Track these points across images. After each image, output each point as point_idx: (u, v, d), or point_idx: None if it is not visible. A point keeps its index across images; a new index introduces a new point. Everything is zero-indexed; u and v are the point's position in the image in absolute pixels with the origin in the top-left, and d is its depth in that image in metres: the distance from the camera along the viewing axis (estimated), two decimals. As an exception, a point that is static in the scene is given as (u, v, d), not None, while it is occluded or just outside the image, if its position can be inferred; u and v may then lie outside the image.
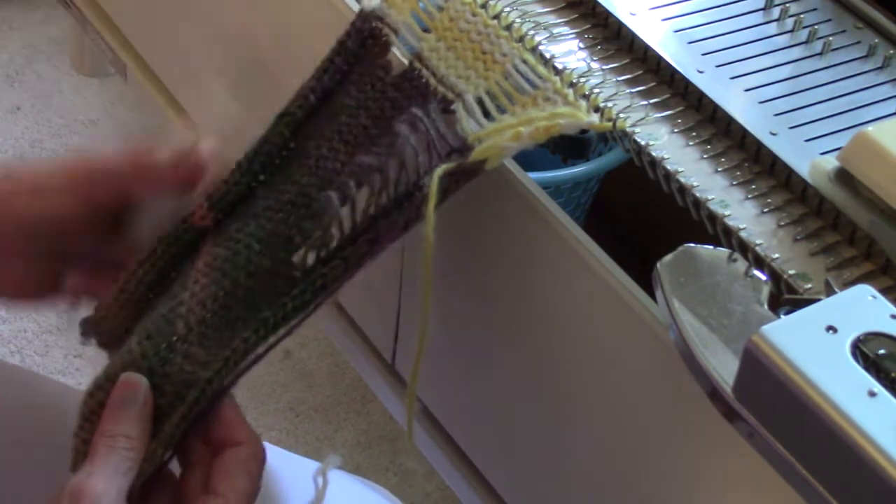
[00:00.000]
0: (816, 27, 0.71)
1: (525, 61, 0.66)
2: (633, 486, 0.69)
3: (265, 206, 0.65)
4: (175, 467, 0.62)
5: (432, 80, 0.67)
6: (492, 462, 0.82)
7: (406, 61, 0.68)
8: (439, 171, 0.61)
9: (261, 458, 0.60)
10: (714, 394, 0.53)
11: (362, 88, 0.68)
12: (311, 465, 0.76)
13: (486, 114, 0.65)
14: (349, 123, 0.67)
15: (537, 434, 0.76)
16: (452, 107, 0.66)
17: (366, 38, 0.69)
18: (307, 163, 0.66)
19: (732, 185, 0.63)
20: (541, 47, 0.69)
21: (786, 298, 0.57)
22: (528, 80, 0.66)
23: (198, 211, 0.66)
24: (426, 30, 0.69)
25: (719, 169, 0.64)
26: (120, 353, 0.62)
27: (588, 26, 0.72)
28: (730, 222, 0.61)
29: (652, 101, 0.67)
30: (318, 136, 0.67)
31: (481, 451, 0.83)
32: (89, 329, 0.68)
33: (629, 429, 0.67)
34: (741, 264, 0.57)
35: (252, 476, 0.59)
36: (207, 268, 0.63)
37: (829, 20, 0.73)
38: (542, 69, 0.66)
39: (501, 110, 0.65)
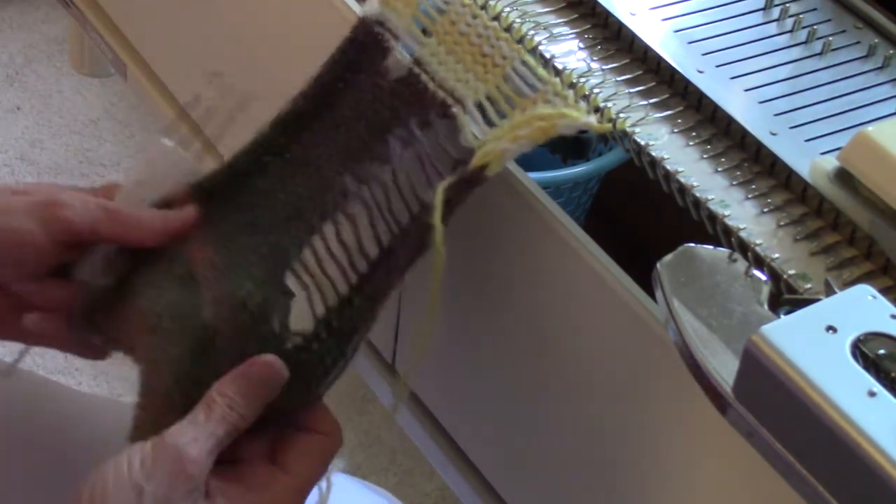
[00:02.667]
0: (816, 27, 0.71)
1: (525, 63, 0.66)
2: (631, 484, 0.69)
3: (250, 224, 0.65)
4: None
5: (431, 85, 0.66)
6: (491, 461, 0.82)
7: (406, 67, 0.68)
8: (443, 184, 0.61)
9: (336, 451, 0.62)
10: (714, 393, 0.53)
11: (361, 97, 0.68)
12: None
13: (488, 120, 0.65)
14: (348, 136, 0.67)
15: (536, 432, 0.76)
16: (453, 110, 0.65)
17: (366, 45, 0.68)
18: (304, 171, 0.67)
19: (732, 185, 0.63)
20: (541, 48, 0.69)
21: (786, 298, 0.57)
22: (528, 83, 0.66)
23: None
24: (427, 33, 0.69)
25: (719, 169, 0.64)
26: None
27: (588, 26, 0.72)
28: (730, 222, 0.61)
29: (652, 101, 0.67)
30: (316, 146, 0.67)
31: (481, 450, 0.83)
32: (86, 321, 0.67)
33: (628, 428, 0.67)
34: (741, 264, 0.57)
35: (324, 465, 0.61)
36: (210, 272, 0.64)
37: (829, 20, 0.73)
38: (542, 71, 0.66)
39: (501, 115, 0.65)
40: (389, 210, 0.64)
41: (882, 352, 0.50)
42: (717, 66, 0.68)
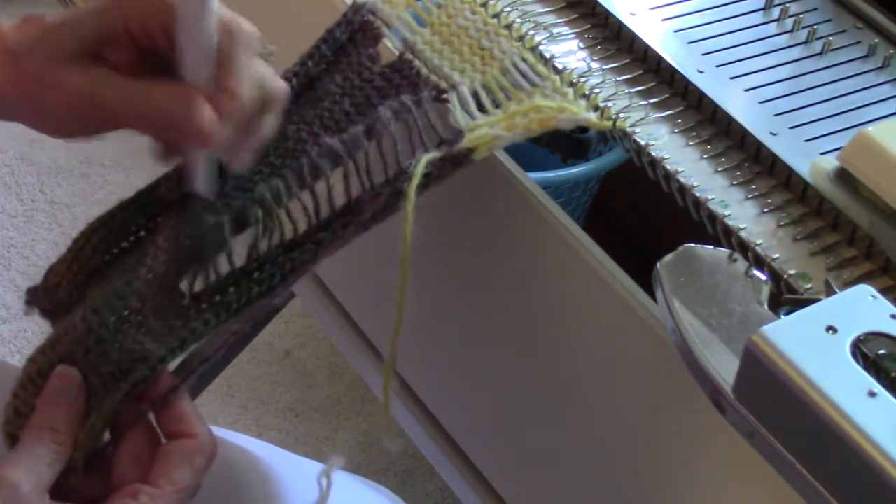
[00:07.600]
0: (816, 27, 0.72)
1: (525, 60, 0.66)
2: (632, 484, 0.69)
3: (235, 186, 0.64)
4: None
5: (424, 71, 0.67)
6: (493, 461, 0.82)
7: (398, 53, 0.69)
8: (427, 155, 0.61)
9: (209, 452, 0.57)
10: (714, 394, 0.53)
11: (348, 77, 0.68)
12: (313, 466, 0.76)
13: (481, 107, 0.65)
14: (331, 109, 0.67)
15: (537, 432, 0.76)
16: (445, 96, 0.66)
17: (356, 30, 0.69)
18: (284, 145, 0.66)
19: (732, 185, 0.63)
20: (541, 47, 0.69)
21: (786, 298, 0.57)
22: (526, 77, 0.66)
23: (164, 182, 0.64)
24: (422, 25, 0.69)
25: (719, 169, 0.64)
26: (63, 329, 0.60)
27: (588, 26, 0.72)
28: (730, 222, 0.61)
29: (652, 100, 0.67)
30: (298, 121, 0.67)
31: (481, 450, 0.83)
32: (37, 298, 0.65)
33: (628, 427, 0.68)
34: (741, 264, 0.57)
35: (195, 470, 0.56)
36: (168, 244, 0.61)
37: (829, 20, 0.73)
38: (541, 68, 0.66)
39: (496, 105, 0.65)
40: (367, 170, 0.63)
41: (882, 352, 0.50)
42: (717, 66, 0.69)
